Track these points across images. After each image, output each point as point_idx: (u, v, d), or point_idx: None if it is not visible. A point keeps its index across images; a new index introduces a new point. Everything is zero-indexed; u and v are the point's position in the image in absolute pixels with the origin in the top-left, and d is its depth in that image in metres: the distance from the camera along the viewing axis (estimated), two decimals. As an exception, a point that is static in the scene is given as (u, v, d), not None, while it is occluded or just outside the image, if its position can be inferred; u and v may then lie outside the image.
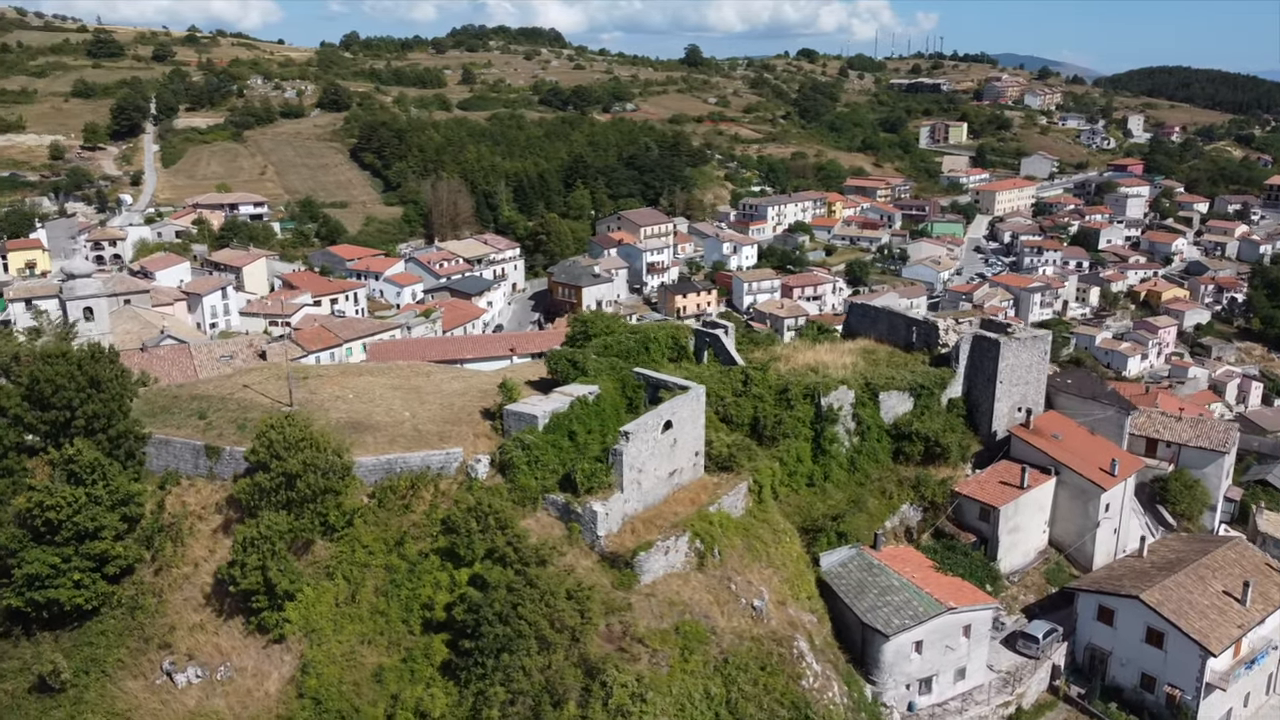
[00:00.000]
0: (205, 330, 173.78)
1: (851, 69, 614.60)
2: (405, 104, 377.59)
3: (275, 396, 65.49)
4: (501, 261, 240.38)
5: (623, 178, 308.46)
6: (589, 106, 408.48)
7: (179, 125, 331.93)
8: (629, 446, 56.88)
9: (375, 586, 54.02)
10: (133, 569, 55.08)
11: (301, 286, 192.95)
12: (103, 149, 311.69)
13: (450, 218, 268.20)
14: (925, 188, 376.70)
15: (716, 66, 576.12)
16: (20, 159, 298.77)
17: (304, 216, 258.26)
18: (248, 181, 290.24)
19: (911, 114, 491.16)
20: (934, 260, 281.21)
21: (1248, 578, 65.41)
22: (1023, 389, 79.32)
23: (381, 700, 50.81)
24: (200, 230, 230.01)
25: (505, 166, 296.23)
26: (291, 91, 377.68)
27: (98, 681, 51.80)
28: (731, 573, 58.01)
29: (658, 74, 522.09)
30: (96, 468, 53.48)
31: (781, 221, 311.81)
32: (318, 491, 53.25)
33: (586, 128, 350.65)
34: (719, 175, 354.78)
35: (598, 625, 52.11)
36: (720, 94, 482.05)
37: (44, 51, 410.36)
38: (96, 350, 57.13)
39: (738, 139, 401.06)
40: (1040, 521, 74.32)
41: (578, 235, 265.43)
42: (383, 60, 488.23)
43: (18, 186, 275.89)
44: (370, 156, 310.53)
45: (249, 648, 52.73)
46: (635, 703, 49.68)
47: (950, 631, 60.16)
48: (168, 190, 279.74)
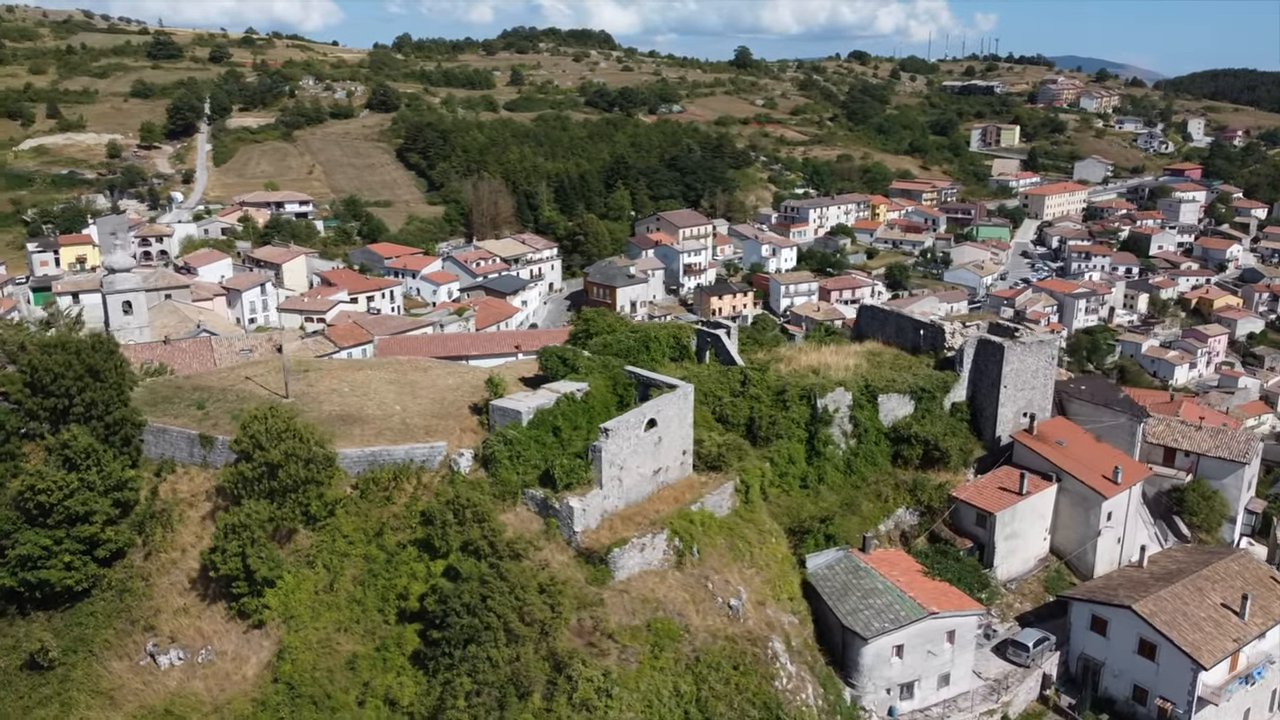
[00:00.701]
0: (244, 325, 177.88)
1: (903, 71, 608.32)
2: (453, 105, 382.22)
3: (274, 389, 66.94)
4: (538, 261, 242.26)
5: (664, 179, 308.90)
6: (635, 108, 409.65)
7: (231, 125, 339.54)
8: (608, 443, 57.19)
9: (354, 576, 55.03)
10: (124, 553, 56.68)
11: (339, 284, 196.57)
12: (158, 148, 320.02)
13: (491, 217, 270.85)
14: (973, 191, 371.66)
15: (766, 68, 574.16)
16: (79, 157, 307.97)
17: (347, 215, 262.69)
18: (295, 180, 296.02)
19: (963, 116, 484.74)
20: (977, 265, 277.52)
21: (1249, 590, 63.80)
22: (1028, 394, 78.11)
23: (354, 687, 51.76)
24: (245, 227, 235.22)
25: (547, 167, 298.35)
26: (341, 92, 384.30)
27: (85, 661, 53.44)
28: (710, 571, 58.02)
29: (706, 76, 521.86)
30: (91, 453, 55.15)
31: (823, 224, 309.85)
32: (299, 481, 54.37)
33: (630, 129, 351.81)
34: (762, 177, 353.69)
35: (568, 620, 52.48)
36: (768, 96, 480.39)
37: (107, 53, 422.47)
38: (96, 341, 59.03)
39: (783, 141, 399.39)
40: (1040, 529, 73.16)
41: (615, 236, 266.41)
42: (433, 61, 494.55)
43: (75, 184, 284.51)
44: (416, 156, 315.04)
45: (230, 632, 54.03)
46: (601, 697, 50.00)
47: (933, 636, 59.53)
48: (217, 188, 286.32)
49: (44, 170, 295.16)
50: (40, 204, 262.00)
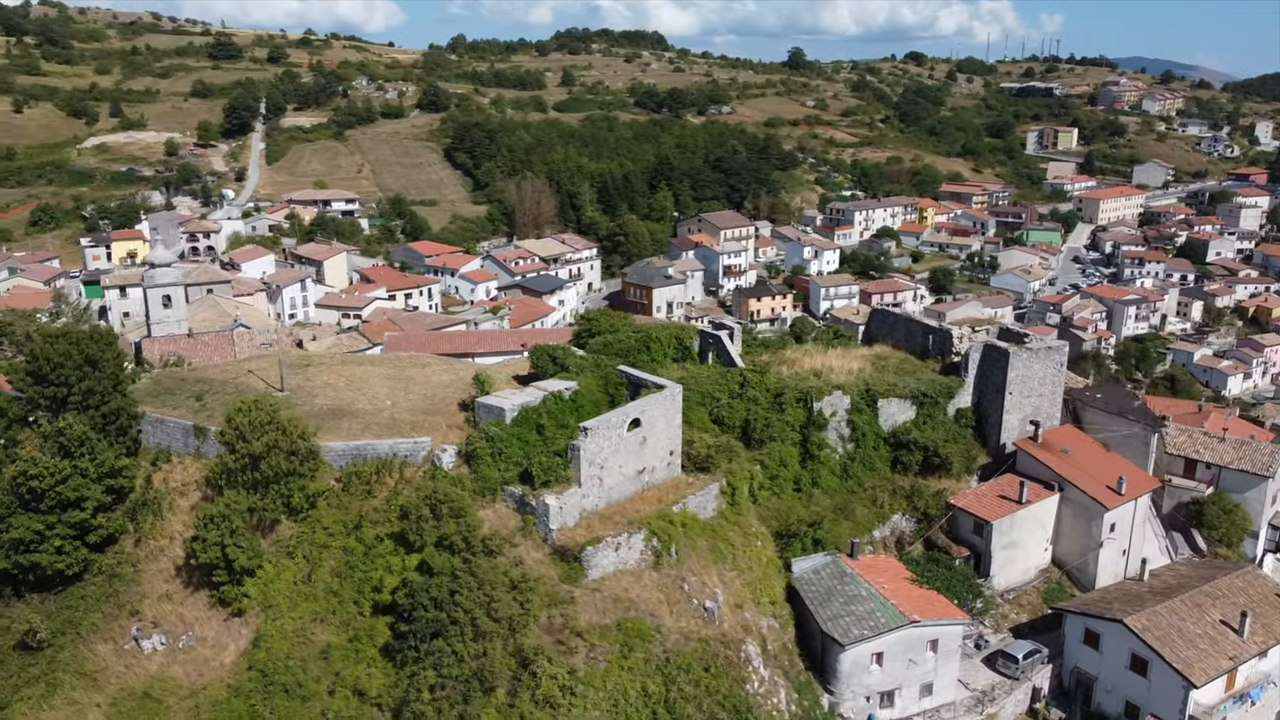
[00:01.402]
0: (284, 320, 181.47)
1: (960, 72, 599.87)
2: (502, 105, 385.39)
3: (273, 382, 68.28)
4: (578, 261, 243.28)
5: (708, 180, 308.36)
6: (684, 109, 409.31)
7: (285, 124, 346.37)
8: (588, 442, 57.30)
9: (331, 567, 55.90)
10: (116, 538, 58.26)
11: (378, 281, 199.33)
12: (214, 146, 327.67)
13: (533, 217, 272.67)
14: (1025, 194, 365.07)
15: (819, 69, 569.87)
16: (139, 155, 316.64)
17: (392, 213, 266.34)
18: (345, 179, 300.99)
19: (1020, 119, 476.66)
20: (1025, 269, 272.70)
21: (1252, 608, 61.92)
22: (1035, 401, 76.58)
23: (325, 677, 52.61)
24: (292, 225, 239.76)
25: (591, 167, 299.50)
26: (393, 92, 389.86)
27: (72, 643, 55.04)
28: (687, 573, 57.85)
29: (757, 77, 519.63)
30: (85, 441, 56.79)
31: (869, 227, 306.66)
32: (281, 473, 55.41)
33: (677, 130, 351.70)
34: (809, 179, 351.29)
35: (538, 617, 52.71)
36: (819, 97, 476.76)
37: (170, 54, 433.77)
38: (94, 332, 60.77)
39: (832, 142, 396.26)
40: (1041, 539, 71.69)
41: (656, 237, 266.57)
42: (486, 62, 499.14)
43: (134, 181, 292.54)
44: (463, 156, 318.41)
45: (211, 619, 55.26)
46: (565, 695, 50.15)
47: (914, 645, 58.66)
48: (268, 186, 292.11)
49: (104, 167, 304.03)
50: (99, 200, 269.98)
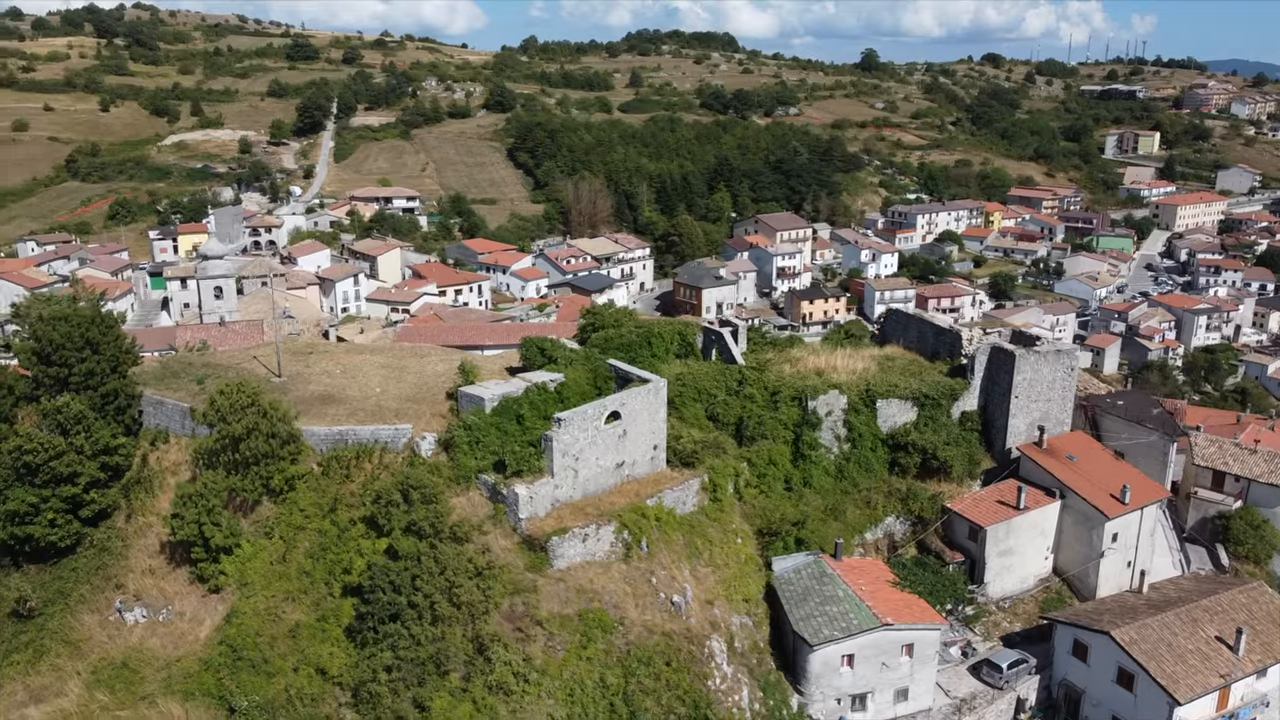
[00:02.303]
0: (336, 313, 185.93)
1: (1039, 75, 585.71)
2: (567, 106, 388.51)
3: (272, 368, 70.05)
4: (630, 260, 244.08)
5: (767, 181, 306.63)
6: (749, 110, 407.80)
7: (355, 123, 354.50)
8: (561, 433, 57.53)
9: (306, 549, 57.09)
10: (109, 514, 60.37)
11: (429, 277, 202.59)
12: (285, 144, 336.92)
13: (589, 216, 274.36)
14: (1099, 200, 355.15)
15: (891, 71, 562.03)
16: (215, 152, 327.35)
17: (451, 211, 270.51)
18: (409, 177, 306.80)
19: (1099, 122, 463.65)
20: (1091, 276, 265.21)
21: (1252, 625, 59.38)
22: (1043, 406, 74.55)
23: (292, 654, 53.73)
24: (352, 221, 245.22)
25: (650, 168, 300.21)
26: (461, 93, 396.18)
27: (61, 613, 57.18)
28: (657, 567, 57.69)
29: (827, 78, 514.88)
30: (81, 420, 58.99)
31: (932, 230, 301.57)
32: (260, 455, 56.78)
33: (739, 131, 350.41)
34: (873, 181, 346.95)
35: (499, 605, 53.15)
36: (889, 99, 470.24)
37: (250, 55, 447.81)
38: (95, 316, 62.98)
39: (900, 145, 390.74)
40: (1040, 546, 69.74)
41: (711, 238, 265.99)
42: (556, 64, 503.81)
43: (207, 177, 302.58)
44: (524, 155, 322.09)
45: (190, 595, 56.88)
46: (519, 682, 50.48)
47: (887, 648, 57.58)
48: (335, 183, 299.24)
49: (181, 164, 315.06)
50: (173, 195, 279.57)
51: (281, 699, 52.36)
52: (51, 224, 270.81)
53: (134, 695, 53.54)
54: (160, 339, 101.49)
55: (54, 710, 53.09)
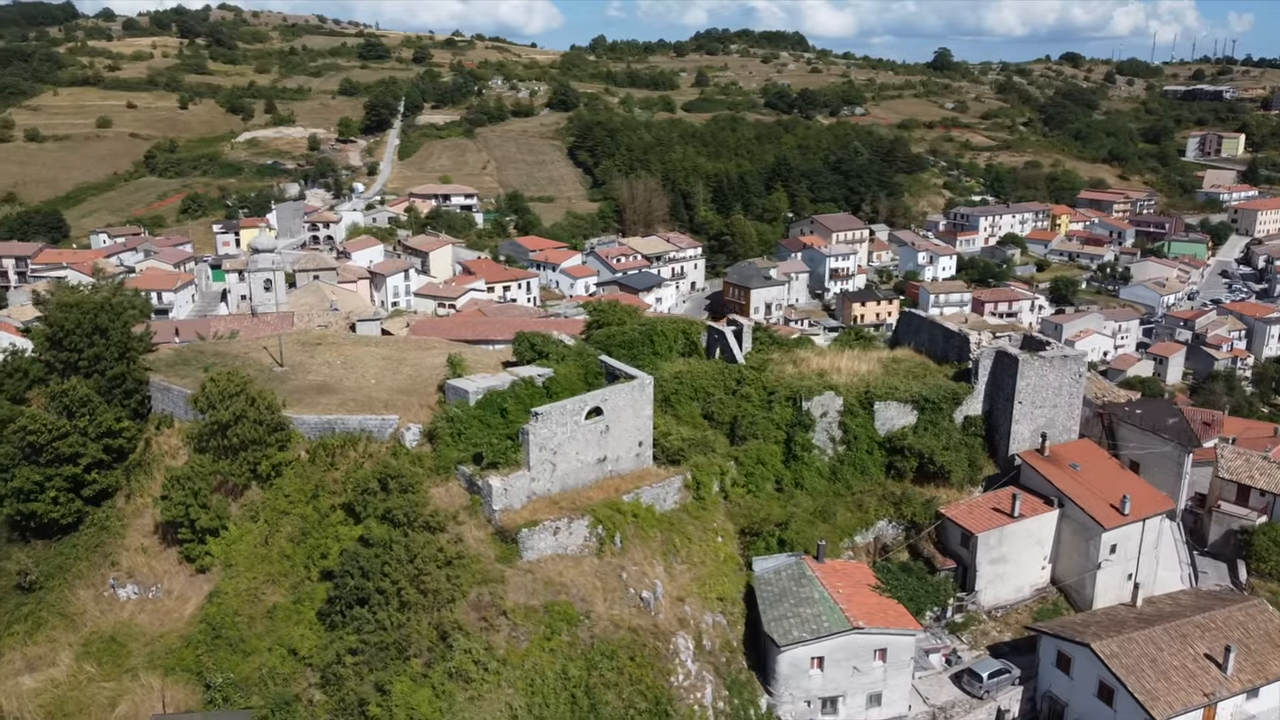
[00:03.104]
0: (386, 307, 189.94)
1: (1120, 74, 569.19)
2: (630, 105, 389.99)
3: (275, 357, 72.15)
4: (681, 260, 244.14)
5: (826, 182, 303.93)
6: (814, 110, 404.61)
7: (420, 121, 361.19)
8: (538, 427, 58.15)
9: (288, 533, 58.75)
10: (110, 494, 62.92)
11: (479, 273, 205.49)
12: (353, 142, 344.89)
13: (644, 215, 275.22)
14: (1175, 204, 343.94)
15: (965, 70, 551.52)
16: (285, 149, 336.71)
17: (507, 209, 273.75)
18: (470, 175, 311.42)
19: (1181, 123, 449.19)
20: (1159, 282, 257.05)
21: (1247, 643, 57.34)
22: (1049, 412, 72.83)
23: (268, 635, 55.40)
24: (409, 217, 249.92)
25: (707, 167, 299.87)
26: (525, 91, 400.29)
27: (60, 587, 59.84)
28: (629, 562, 57.98)
29: (896, 78, 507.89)
30: (86, 403, 61.62)
31: (995, 233, 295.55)
32: (248, 441, 58.63)
33: (801, 131, 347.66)
34: (937, 183, 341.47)
35: (467, 594, 54.00)
36: (960, 99, 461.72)
37: (324, 54, 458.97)
38: (105, 302, 65.59)
39: (968, 145, 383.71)
40: (1037, 556, 68.19)
41: (765, 238, 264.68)
42: (623, 63, 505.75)
43: (276, 173, 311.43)
44: (584, 154, 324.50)
45: (179, 574, 59.02)
46: (478, 670, 51.27)
47: (859, 652, 56.96)
48: (397, 180, 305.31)
49: (252, 160, 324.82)
50: (242, 191, 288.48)
51: (255, 678, 54.05)
52: (128, 217, 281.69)
53: (119, 668, 55.82)
54: (194, 329, 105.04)
55: (45, 679, 55.64)
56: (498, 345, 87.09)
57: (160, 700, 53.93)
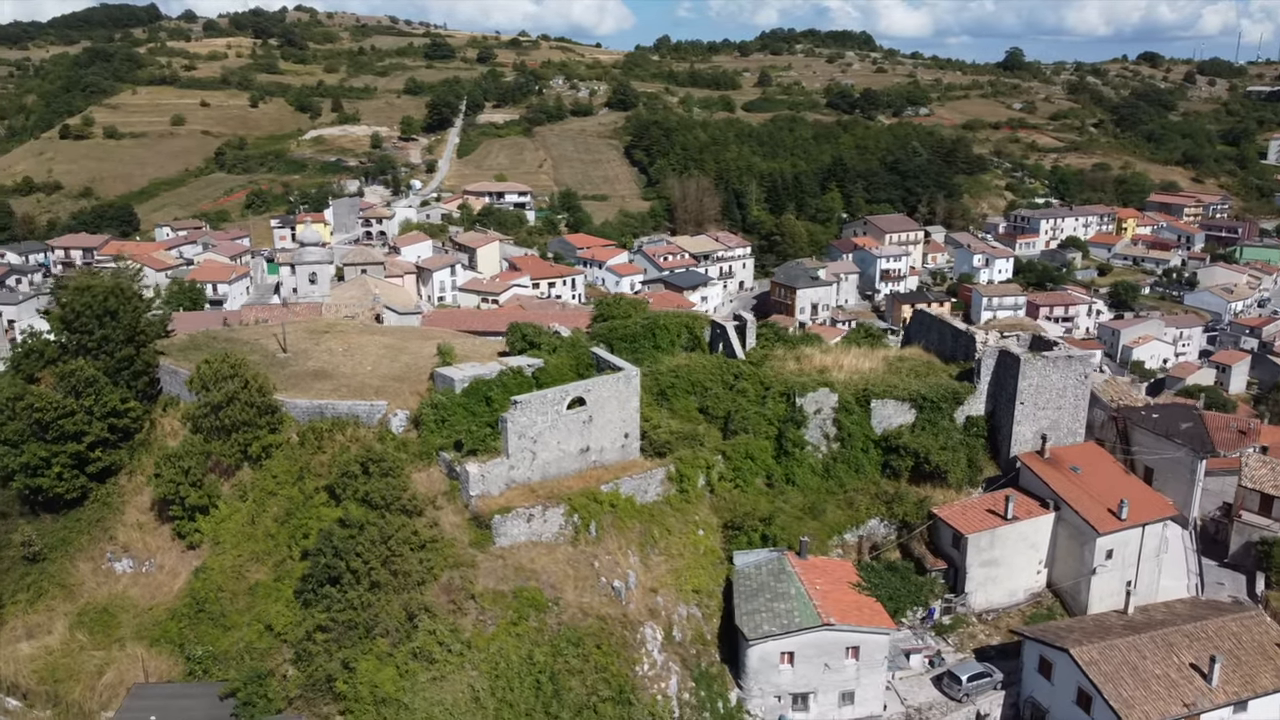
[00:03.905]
0: (432, 301, 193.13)
1: (1201, 74, 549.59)
2: (690, 104, 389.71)
3: (288, 345, 74.10)
4: (729, 259, 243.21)
5: (882, 182, 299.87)
6: (876, 110, 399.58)
7: (481, 120, 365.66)
8: (517, 415, 58.90)
9: (274, 514, 60.33)
10: (114, 471, 65.28)
11: (524, 269, 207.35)
12: (414, 140, 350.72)
13: (695, 214, 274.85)
14: (1250, 208, 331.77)
15: (1036, 70, 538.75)
16: (348, 147, 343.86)
17: (559, 206, 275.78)
18: (526, 173, 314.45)
19: (1264, 125, 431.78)
20: (1226, 288, 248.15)
21: (1237, 655, 55.45)
22: (1052, 414, 71.27)
23: (248, 611, 57.02)
24: (462, 214, 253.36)
25: (762, 166, 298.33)
26: (585, 91, 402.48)
27: (62, 558, 62.29)
28: (602, 552, 58.38)
29: (964, 78, 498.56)
30: (92, 383, 63.98)
31: (1056, 236, 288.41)
32: (238, 423, 60.38)
33: (860, 131, 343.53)
34: (999, 184, 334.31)
35: (438, 577, 54.94)
36: (1029, 99, 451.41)
37: (391, 54, 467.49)
38: (115, 288, 67.99)
39: (1034, 147, 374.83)
40: (1031, 559, 66.79)
41: (816, 238, 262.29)
42: (686, 63, 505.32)
43: (339, 170, 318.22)
44: (640, 153, 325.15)
45: (171, 550, 61.05)
46: (442, 651, 52.12)
47: (830, 649, 56.44)
48: (455, 178, 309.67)
49: (316, 158, 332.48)
50: (304, 187, 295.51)
51: (233, 651, 55.67)
52: (195, 211, 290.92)
53: (109, 638, 57.97)
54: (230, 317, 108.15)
55: (40, 646, 58.03)
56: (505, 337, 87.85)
57: (143, 670, 55.85)
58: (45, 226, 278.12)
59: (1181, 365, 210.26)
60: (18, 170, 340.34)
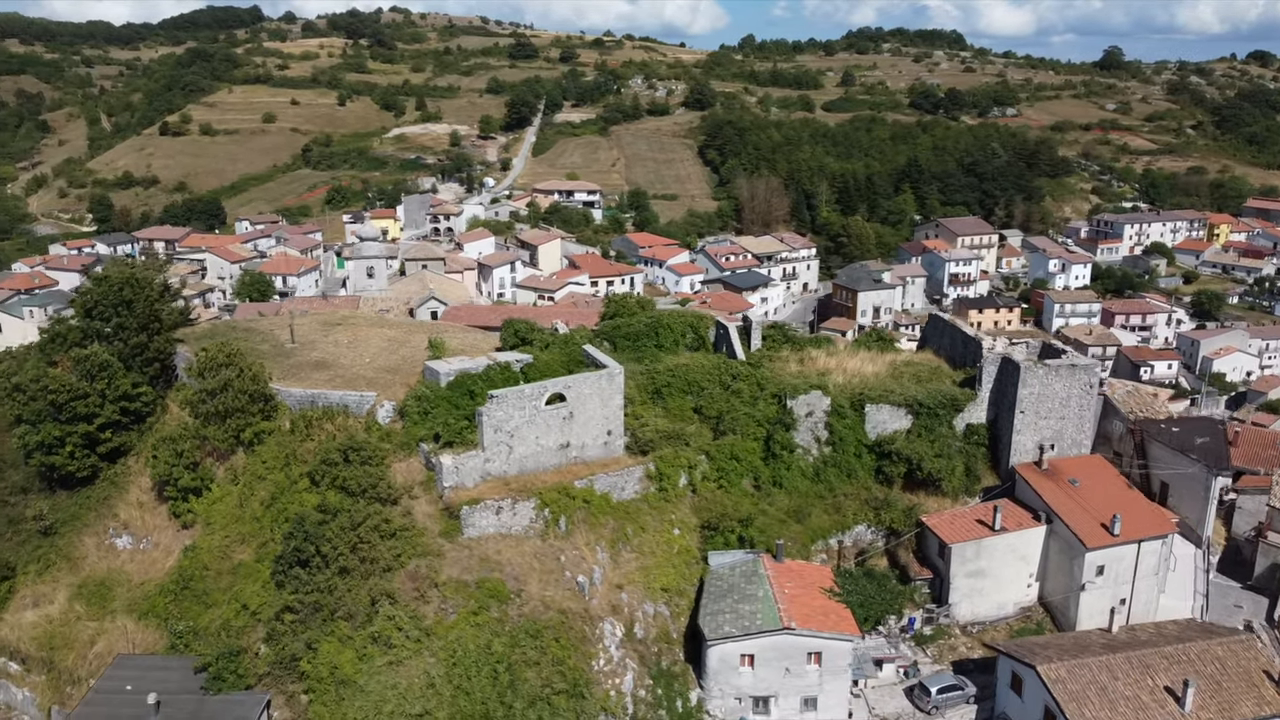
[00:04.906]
0: (491, 296, 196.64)
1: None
2: (768, 104, 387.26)
3: (301, 336, 76.72)
4: (793, 260, 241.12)
5: (959, 184, 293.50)
6: (960, 110, 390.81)
7: (558, 119, 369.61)
8: (493, 409, 59.95)
9: (262, 497, 62.57)
10: (125, 451, 68.52)
11: (584, 267, 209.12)
12: (492, 138, 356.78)
13: (763, 214, 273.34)
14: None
15: (1135, 70, 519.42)
16: (428, 145, 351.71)
17: (627, 205, 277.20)
18: (598, 172, 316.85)
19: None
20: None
21: (1219, 680, 53.17)
22: (1055, 424, 69.30)
23: (229, 590, 59.31)
24: (530, 212, 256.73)
25: (834, 167, 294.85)
26: (662, 91, 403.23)
27: (70, 533, 65.65)
28: (569, 547, 59.01)
29: (1056, 78, 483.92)
30: (106, 367, 67.29)
31: (1141, 241, 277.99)
32: (231, 409, 62.82)
33: (939, 132, 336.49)
34: (1084, 188, 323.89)
35: (405, 565, 56.30)
36: (1123, 100, 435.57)
37: (476, 54, 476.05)
38: (131, 277, 71.24)
39: (1125, 149, 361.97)
40: (1021, 572, 65.02)
41: (884, 240, 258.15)
42: (770, 62, 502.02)
43: (417, 168, 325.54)
44: (713, 153, 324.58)
45: (167, 528, 63.83)
46: (400, 636, 53.42)
47: (791, 653, 55.94)
48: (528, 176, 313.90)
49: (397, 155, 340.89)
50: (382, 184, 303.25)
51: (213, 628, 57.98)
52: (279, 206, 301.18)
53: (104, 610, 60.98)
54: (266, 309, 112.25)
55: (42, 615, 61.42)
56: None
57: (130, 642, 58.61)
58: (139, 219, 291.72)
59: (1266, 379, 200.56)
60: (119, 165, 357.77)
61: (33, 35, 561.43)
